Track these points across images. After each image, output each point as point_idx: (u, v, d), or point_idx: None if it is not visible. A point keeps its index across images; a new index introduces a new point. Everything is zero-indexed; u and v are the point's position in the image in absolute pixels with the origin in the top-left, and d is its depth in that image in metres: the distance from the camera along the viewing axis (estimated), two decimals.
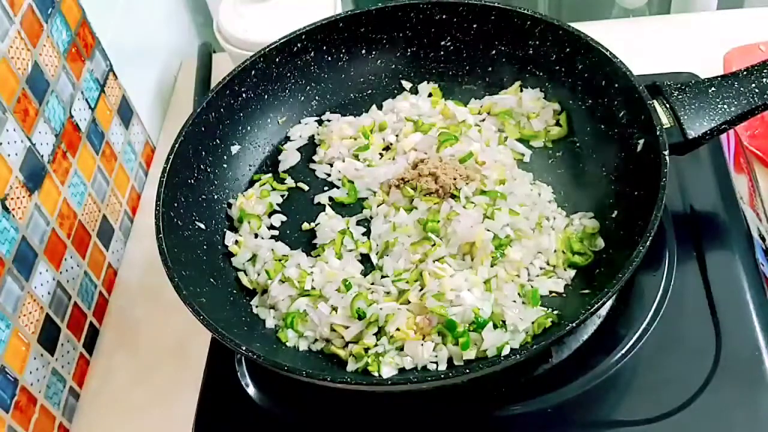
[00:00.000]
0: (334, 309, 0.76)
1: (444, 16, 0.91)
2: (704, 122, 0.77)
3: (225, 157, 0.89)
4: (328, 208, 0.86)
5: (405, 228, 0.81)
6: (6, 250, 0.78)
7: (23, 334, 0.80)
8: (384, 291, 0.77)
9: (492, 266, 0.76)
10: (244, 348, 0.68)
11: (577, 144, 0.87)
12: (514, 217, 0.78)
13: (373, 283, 0.78)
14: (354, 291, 0.76)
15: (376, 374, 0.71)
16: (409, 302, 0.75)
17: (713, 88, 0.79)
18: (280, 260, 0.82)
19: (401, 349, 0.72)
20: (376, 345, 0.73)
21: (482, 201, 0.80)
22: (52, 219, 0.87)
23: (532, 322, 0.72)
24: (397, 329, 0.73)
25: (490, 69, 0.93)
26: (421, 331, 0.73)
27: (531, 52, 0.89)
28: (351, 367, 0.73)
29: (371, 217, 0.84)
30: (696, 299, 0.77)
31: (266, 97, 0.92)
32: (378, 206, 0.85)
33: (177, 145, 0.82)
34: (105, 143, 1.00)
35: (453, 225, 0.78)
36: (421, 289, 0.75)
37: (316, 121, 0.94)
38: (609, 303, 0.76)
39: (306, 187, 0.89)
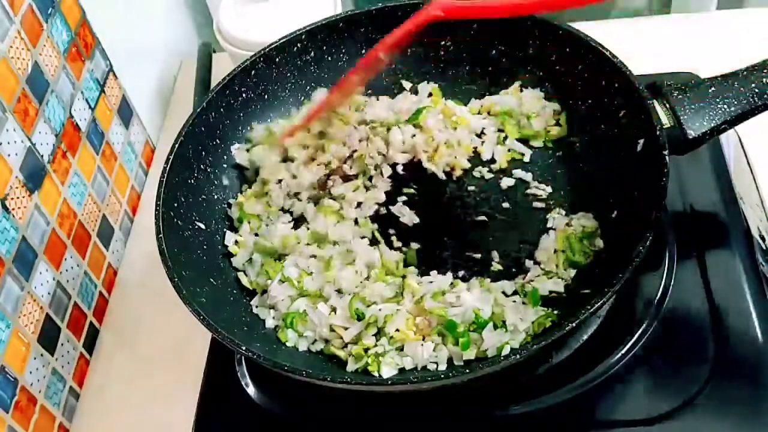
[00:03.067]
0: (334, 310, 0.76)
1: None
2: (704, 122, 0.77)
3: (225, 157, 0.89)
4: None
5: None
6: (6, 250, 0.78)
7: (23, 334, 0.80)
8: None
9: None
10: (244, 348, 0.68)
11: (577, 144, 0.87)
12: None
13: None
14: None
15: (376, 374, 0.71)
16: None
17: (713, 88, 0.79)
18: (279, 260, 0.82)
19: (401, 349, 0.72)
20: (375, 345, 0.73)
21: None
22: (52, 219, 0.87)
23: (532, 322, 0.72)
24: (397, 330, 0.73)
25: (490, 69, 0.93)
26: (420, 332, 0.73)
27: (531, 52, 0.89)
28: (351, 367, 0.73)
29: None
30: (696, 299, 0.77)
31: (266, 97, 0.92)
32: None
33: (177, 145, 0.82)
34: (105, 143, 1.00)
35: None
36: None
37: None
38: (609, 303, 0.76)
39: None
